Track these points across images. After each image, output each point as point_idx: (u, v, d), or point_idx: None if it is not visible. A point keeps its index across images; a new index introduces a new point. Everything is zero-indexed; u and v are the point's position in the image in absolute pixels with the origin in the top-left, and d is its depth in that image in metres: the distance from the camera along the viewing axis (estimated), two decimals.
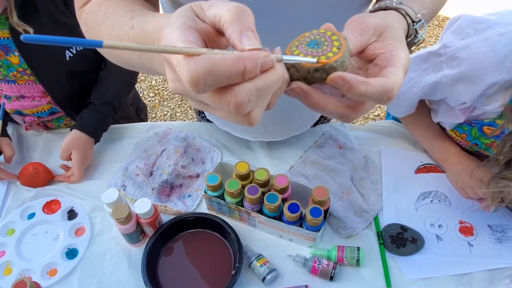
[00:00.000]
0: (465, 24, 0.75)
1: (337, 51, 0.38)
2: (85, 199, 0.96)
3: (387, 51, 0.43)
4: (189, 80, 0.30)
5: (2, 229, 0.91)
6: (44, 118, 1.10)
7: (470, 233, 0.89)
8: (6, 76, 0.98)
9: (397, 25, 0.47)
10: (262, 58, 0.31)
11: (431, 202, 0.95)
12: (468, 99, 0.77)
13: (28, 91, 1.02)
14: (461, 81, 0.76)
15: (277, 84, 0.33)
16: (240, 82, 0.31)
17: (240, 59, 0.30)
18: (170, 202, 0.94)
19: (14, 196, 0.97)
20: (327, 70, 0.38)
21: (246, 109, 0.31)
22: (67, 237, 0.90)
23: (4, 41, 0.92)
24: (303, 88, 0.38)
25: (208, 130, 1.11)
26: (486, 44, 0.71)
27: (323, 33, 0.41)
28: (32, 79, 0.99)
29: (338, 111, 0.40)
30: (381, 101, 0.39)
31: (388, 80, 0.39)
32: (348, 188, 0.95)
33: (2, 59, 0.94)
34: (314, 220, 0.78)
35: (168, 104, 2.59)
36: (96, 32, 0.55)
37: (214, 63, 0.29)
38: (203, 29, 0.35)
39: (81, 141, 1.01)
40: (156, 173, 0.99)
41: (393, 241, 0.86)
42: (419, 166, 1.02)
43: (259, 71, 0.31)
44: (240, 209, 0.85)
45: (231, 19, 0.33)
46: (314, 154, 1.03)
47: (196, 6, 0.35)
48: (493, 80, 0.71)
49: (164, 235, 0.86)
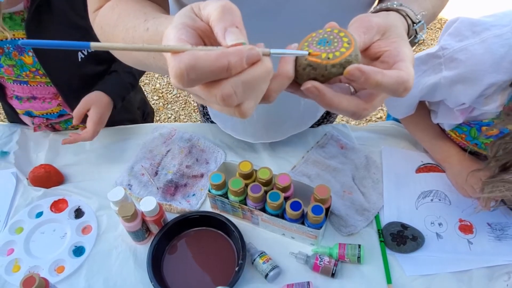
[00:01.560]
0: (462, 27, 0.77)
1: (348, 46, 0.40)
2: (91, 198, 0.98)
3: (393, 48, 0.44)
4: (174, 75, 0.31)
5: (11, 227, 0.93)
6: (53, 120, 1.12)
7: (469, 231, 0.90)
8: (19, 76, 1.00)
9: (399, 25, 0.49)
10: (247, 51, 0.32)
11: (431, 201, 0.96)
12: (466, 100, 0.79)
13: (39, 93, 1.05)
14: (460, 82, 0.77)
15: (266, 77, 0.34)
16: (228, 76, 0.32)
17: (223, 54, 0.32)
18: (174, 201, 0.96)
19: (23, 195, 0.99)
20: (343, 65, 0.39)
21: (233, 101, 0.33)
22: (74, 235, 0.92)
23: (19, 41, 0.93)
24: (318, 87, 0.40)
25: (212, 131, 1.13)
26: (483, 45, 0.72)
27: (330, 31, 0.43)
28: (44, 80, 1.02)
29: (351, 108, 0.42)
30: (397, 92, 0.40)
31: (403, 72, 0.41)
32: (349, 187, 0.97)
33: (16, 59, 0.97)
34: (316, 218, 0.79)
35: (172, 107, 2.62)
36: (110, 35, 0.57)
37: (197, 58, 0.31)
38: (201, 27, 0.37)
39: (102, 100, 1.03)
40: (161, 173, 1.01)
41: (393, 239, 0.88)
42: (420, 165, 1.03)
43: (246, 65, 0.33)
44: (243, 208, 0.87)
45: (217, 17, 0.35)
46: (316, 154, 1.05)
47: (195, 7, 0.37)
48: (491, 80, 0.73)
49: (169, 233, 0.88)
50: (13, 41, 0.95)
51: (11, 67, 0.98)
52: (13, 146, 1.09)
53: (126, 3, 0.58)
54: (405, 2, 0.53)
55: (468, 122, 0.87)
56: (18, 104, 1.07)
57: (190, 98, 2.65)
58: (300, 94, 0.43)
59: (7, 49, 0.95)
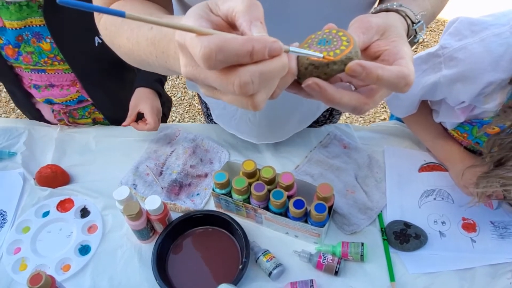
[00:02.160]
0: (461, 26, 0.78)
1: (348, 44, 0.41)
2: (97, 198, 0.99)
3: (392, 47, 0.45)
4: (202, 54, 0.32)
5: (18, 226, 0.94)
6: (72, 106, 1.15)
7: (472, 229, 0.91)
8: (37, 63, 1.02)
9: (398, 25, 0.50)
10: (271, 42, 0.33)
11: (434, 199, 0.97)
12: (466, 98, 0.80)
13: (57, 80, 1.07)
14: (459, 80, 0.78)
15: (281, 71, 0.35)
16: (248, 62, 0.33)
17: (249, 40, 0.33)
18: (179, 200, 0.97)
19: (30, 195, 1.01)
20: (344, 61, 0.40)
21: (249, 89, 0.34)
22: (80, 234, 0.93)
23: (37, 28, 0.96)
24: (319, 83, 0.41)
25: (216, 131, 1.14)
26: (482, 44, 0.73)
27: (329, 31, 0.44)
28: (62, 67, 1.04)
29: (352, 103, 0.43)
30: (398, 86, 0.41)
31: (403, 67, 0.41)
32: (352, 186, 0.98)
33: (35, 46, 0.99)
34: (319, 216, 0.80)
35: (177, 110, 2.63)
36: (115, 35, 0.59)
37: (226, 40, 0.32)
38: (216, 21, 0.38)
39: (145, 94, 1.08)
40: (165, 173, 1.03)
41: (396, 237, 0.88)
42: (422, 164, 1.04)
43: (267, 56, 0.34)
44: (247, 206, 0.88)
45: (243, 10, 0.36)
46: (319, 153, 1.06)
47: (211, 3, 0.38)
48: (490, 79, 0.73)
49: (174, 231, 0.89)
50: (31, 28, 0.96)
51: (29, 54, 1.00)
52: (20, 147, 1.11)
53: (132, 4, 0.60)
54: (405, 3, 0.54)
55: (470, 121, 0.88)
56: (37, 93, 1.09)
57: (194, 101, 2.67)
58: (303, 94, 0.44)
59: (26, 36, 0.97)
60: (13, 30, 0.95)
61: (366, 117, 2.52)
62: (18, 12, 0.93)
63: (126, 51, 0.57)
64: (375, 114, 2.53)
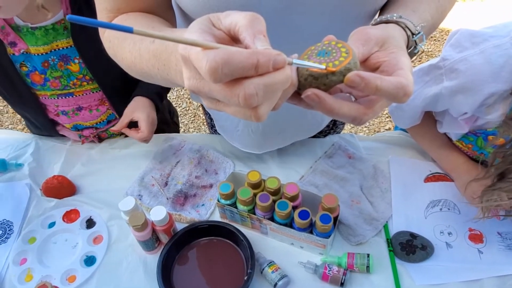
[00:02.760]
0: (462, 38, 0.78)
1: (346, 55, 0.42)
2: (102, 209, 1.00)
3: (391, 58, 0.45)
4: (208, 68, 0.33)
5: (24, 237, 0.95)
6: (101, 128, 1.15)
7: (479, 240, 0.90)
8: (65, 87, 1.02)
9: (398, 36, 0.51)
10: (275, 55, 0.34)
11: (440, 210, 0.96)
12: (468, 109, 0.80)
13: (85, 102, 1.07)
14: (460, 92, 0.78)
15: (285, 83, 0.36)
16: (253, 75, 0.34)
17: (254, 53, 0.33)
18: (184, 211, 0.97)
19: (36, 206, 1.01)
20: (343, 72, 0.41)
21: (253, 101, 0.34)
22: (85, 245, 0.93)
23: (63, 51, 0.96)
24: (318, 94, 0.41)
25: (221, 142, 1.14)
26: (482, 56, 0.74)
27: (328, 43, 0.45)
28: (90, 87, 1.04)
29: (351, 114, 0.43)
30: (397, 96, 0.41)
31: (402, 78, 0.42)
32: (357, 197, 0.97)
33: (62, 69, 0.98)
34: (324, 227, 0.80)
35: (182, 120, 2.65)
36: (118, 48, 0.60)
37: (231, 54, 0.33)
38: (218, 35, 0.38)
39: (143, 103, 1.07)
40: (171, 183, 1.03)
41: (402, 248, 0.88)
42: (428, 175, 1.03)
43: (272, 68, 0.34)
44: (252, 217, 0.88)
45: (246, 24, 0.37)
46: (324, 164, 1.06)
47: (213, 17, 0.39)
48: (491, 90, 0.74)
49: (179, 242, 0.89)
50: (57, 52, 0.96)
51: (57, 79, 1.00)
52: (27, 158, 1.12)
53: (135, 18, 0.61)
54: (405, 14, 0.55)
55: (474, 132, 0.88)
56: (66, 119, 1.09)
57: (199, 111, 2.68)
58: (303, 104, 0.45)
59: (52, 61, 0.96)
60: (39, 56, 0.95)
61: (370, 126, 2.52)
62: (44, 37, 0.92)
63: (129, 63, 0.59)
64: (379, 124, 2.52)
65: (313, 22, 0.63)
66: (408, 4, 0.60)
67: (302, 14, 0.62)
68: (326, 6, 0.61)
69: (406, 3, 0.60)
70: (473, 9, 3.49)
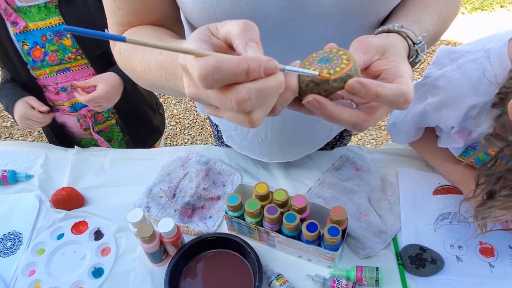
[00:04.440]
0: (442, 55, 0.82)
1: (347, 62, 0.42)
2: (111, 220, 1.00)
3: (392, 66, 0.46)
4: (199, 74, 0.34)
5: (33, 249, 0.95)
6: None
7: (490, 254, 0.89)
8: (62, 61, 1.14)
9: (398, 45, 0.51)
10: (266, 61, 0.35)
11: (450, 223, 0.95)
12: (454, 123, 0.82)
13: (81, 76, 1.19)
14: (443, 107, 0.81)
15: (278, 89, 0.37)
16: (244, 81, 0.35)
17: (245, 59, 0.34)
18: (192, 223, 0.97)
19: (45, 217, 1.02)
20: (344, 79, 0.41)
21: (247, 106, 0.35)
22: (93, 257, 0.93)
23: (56, 27, 1.10)
24: (319, 100, 0.42)
25: (228, 154, 1.15)
26: (459, 71, 0.76)
27: (329, 50, 0.45)
28: (84, 62, 1.17)
29: (352, 120, 0.43)
30: (397, 103, 0.42)
31: (402, 85, 0.42)
32: (365, 209, 0.97)
33: (58, 44, 1.12)
34: (332, 239, 0.79)
35: (189, 132, 2.66)
36: (128, 60, 0.61)
37: (221, 60, 0.34)
38: (217, 43, 0.39)
39: (112, 79, 1.15)
40: (178, 195, 1.03)
41: (412, 261, 0.86)
42: (437, 187, 1.03)
43: (263, 74, 0.35)
44: (259, 229, 0.87)
45: (238, 32, 0.38)
46: (332, 176, 1.05)
47: (212, 26, 0.41)
48: (471, 103, 0.75)
49: (186, 254, 0.89)
50: (52, 28, 1.10)
51: (54, 52, 1.13)
52: (37, 170, 1.13)
53: (145, 31, 0.62)
54: (406, 24, 0.55)
55: (473, 146, 0.88)
56: (65, 96, 1.20)
57: (206, 124, 2.70)
58: (304, 110, 0.45)
59: (49, 36, 1.10)
60: (37, 30, 1.09)
61: (378, 138, 2.52)
62: (38, 14, 1.07)
63: (139, 74, 0.60)
64: (387, 136, 2.52)
65: (316, 33, 0.64)
66: (410, 14, 0.60)
67: (306, 26, 0.63)
68: (329, 18, 0.62)
69: (408, 14, 0.61)
70: (480, 21, 3.50)
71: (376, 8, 0.62)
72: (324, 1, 0.59)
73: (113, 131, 1.41)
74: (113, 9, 0.63)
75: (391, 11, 0.65)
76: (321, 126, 0.95)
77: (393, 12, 0.64)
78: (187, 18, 0.67)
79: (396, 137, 1.03)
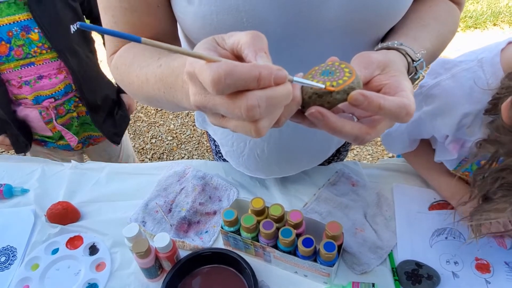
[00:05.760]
0: (436, 66, 0.84)
1: (350, 75, 0.43)
2: (106, 235, 1.00)
3: (393, 81, 0.47)
4: (211, 79, 0.34)
5: (27, 263, 0.94)
6: (59, 100, 1.32)
7: (487, 270, 0.89)
8: (28, 55, 1.20)
9: (398, 61, 0.52)
10: (276, 69, 0.36)
11: (446, 238, 0.95)
12: (448, 131, 0.83)
13: (45, 70, 1.24)
14: (438, 115, 0.83)
15: (286, 98, 0.37)
16: (254, 88, 0.35)
17: (256, 66, 0.35)
18: (187, 238, 0.97)
19: (40, 232, 1.01)
20: (347, 91, 0.42)
21: (256, 113, 0.35)
22: (88, 272, 0.92)
23: (24, 22, 1.16)
24: (321, 111, 0.43)
25: (225, 169, 1.15)
26: (453, 80, 0.79)
27: (332, 64, 0.46)
28: (49, 56, 1.23)
29: (354, 132, 0.44)
30: (399, 116, 0.43)
31: (404, 98, 0.43)
32: (361, 225, 0.97)
33: (24, 38, 1.17)
34: (328, 255, 0.79)
35: (186, 147, 2.67)
36: (125, 74, 0.62)
37: (234, 66, 0.34)
38: (223, 54, 0.40)
39: None
40: (174, 210, 1.03)
41: (408, 277, 0.86)
42: (433, 203, 1.03)
43: (273, 82, 0.36)
44: (255, 244, 0.87)
45: (248, 42, 0.38)
46: (328, 191, 1.06)
47: (218, 37, 0.41)
48: (465, 110, 0.78)
49: (182, 270, 0.88)
50: (19, 23, 1.16)
51: (20, 47, 1.18)
52: (33, 184, 1.13)
53: (142, 45, 0.63)
54: (406, 42, 0.57)
55: (467, 158, 0.89)
56: (28, 89, 1.24)
57: (203, 139, 2.70)
58: (306, 122, 0.46)
59: (15, 31, 1.15)
60: (3, 26, 1.14)
61: (374, 154, 2.53)
62: (7, 9, 1.12)
63: (136, 87, 0.60)
64: (383, 152, 2.53)
65: (317, 49, 0.66)
66: (409, 32, 0.62)
67: (307, 42, 0.64)
68: (330, 35, 0.63)
69: (407, 32, 0.62)
70: (473, 39, 3.56)
71: (377, 26, 0.64)
72: (326, 18, 0.60)
73: (73, 124, 1.43)
74: (111, 24, 0.64)
75: (390, 29, 0.66)
76: (319, 143, 0.96)
77: (392, 30, 0.66)
78: (187, 34, 0.69)
79: (390, 146, 1.04)
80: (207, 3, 0.56)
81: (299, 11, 0.59)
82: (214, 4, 0.56)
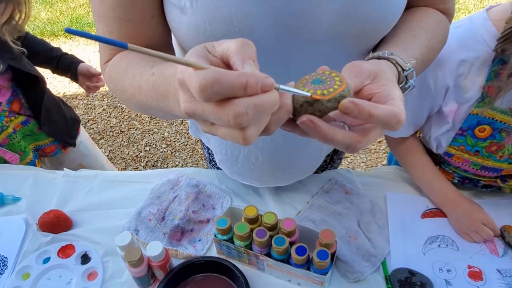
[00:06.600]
0: None
1: (340, 84, 0.44)
2: (98, 244, 0.99)
3: (383, 90, 0.48)
4: (198, 86, 0.34)
5: (18, 273, 0.93)
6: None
7: (479, 278, 0.89)
8: None
9: (388, 71, 0.53)
10: (263, 77, 0.36)
11: (438, 246, 0.96)
12: (449, 81, 0.87)
13: None
14: (437, 67, 0.87)
15: (273, 106, 0.38)
16: (241, 95, 0.35)
17: (243, 74, 0.35)
18: (180, 246, 0.97)
19: (31, 241, 1.00)
20: (338, 99, 0.42)
21: (243, 120, 0.36)
22: (79, 281, 0.91)
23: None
24: (313, 120, 0.43)
25: (218, 177, 1.15)
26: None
27: (322, 72, 0.47)
28: None
29: (345, 141, 0.44)
30: (390, 124, 0.43)
31: (394, 106, 0.44)
32: (355, 233, 0.97)
33: None
34: (321, 263, 0.79)
35: (180, 155, 2.66)
36: (118, 82, 0.62)
37: (221, 74, 0.35)
38: (214, 61, 0.40)
39: None
40: (168, 218, 1.03)
41: (401, 285, 0.86)
42: (425, 210, 1.04)
43: (260, 90, 0.36)
44: (248, 253, 0.87)
45: (236, 49, 0.39)
46: (321, 199, 1.06)
47: (208, 45, 0.42)
48: (460, 57, 0.84)
49: (175, 278, 0.88)
50: None
51: None
52: (25, 192, 1.12)
53: (135, 55, 0.63)
54: (396, 52, 0.57)
55: (461, 131, 0.91)
56: None
57: (197, 146, 2.70)
58: (298, 131, 0.46)
59: None
60: None
61: (368, 162, 2.54)
62: None
63: (129, 96, 0.60)
64: (377, 160, 2.54)
65: (308, 59, 0.66)
66: (399, 43, 0.63)
67: (298, 52, 0.65)
68: (322, 45, 0.64)
69: (398, 42, 0.63)
70: None
71: (367, 36, 0.64)
72: (318, 29, 0.61)
73: (13, 142, 1.27)
74: (104, 33, 0.64)
75: (381, 39, 0.67)
76: (310, 151, 0.96)
77: (383, 40, 0.67)
78: (180, 43, 0.69)
79: None
80: (200, 12, 0.57)
81: (292, 21, 0.59)
82: (207, 13, 0.57)
